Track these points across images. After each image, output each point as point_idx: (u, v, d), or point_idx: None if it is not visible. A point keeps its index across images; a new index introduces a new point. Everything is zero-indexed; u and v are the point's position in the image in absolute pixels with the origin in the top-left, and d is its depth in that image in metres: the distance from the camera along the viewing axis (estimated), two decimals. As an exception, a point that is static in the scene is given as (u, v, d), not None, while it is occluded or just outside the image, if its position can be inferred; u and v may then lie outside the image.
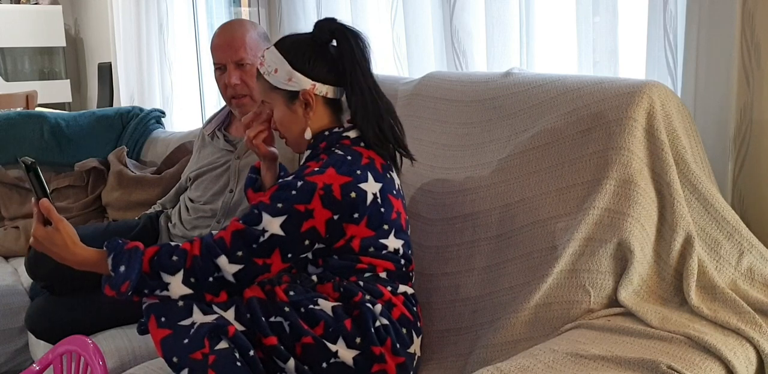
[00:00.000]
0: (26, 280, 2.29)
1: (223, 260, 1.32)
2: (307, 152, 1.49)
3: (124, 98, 4.09)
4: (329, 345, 1.32)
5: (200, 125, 2.37)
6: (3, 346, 2.27)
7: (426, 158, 1.74)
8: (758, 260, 1.37)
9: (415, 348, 1.42)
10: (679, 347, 1.17)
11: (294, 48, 1.46)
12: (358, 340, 1.33)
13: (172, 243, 1.36)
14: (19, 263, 2.37)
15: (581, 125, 1.44)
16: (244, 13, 3.44)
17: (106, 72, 4.61)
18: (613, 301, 1.33)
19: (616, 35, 1.72)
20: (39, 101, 4.23)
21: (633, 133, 1.37)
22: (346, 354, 1.33)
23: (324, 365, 1.32)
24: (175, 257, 1.32)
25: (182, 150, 2.68)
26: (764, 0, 1.39)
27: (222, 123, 2.14)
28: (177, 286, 1.31)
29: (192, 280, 1.32)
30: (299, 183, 1.34)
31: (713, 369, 1.14)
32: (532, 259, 1.41)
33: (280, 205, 1.33)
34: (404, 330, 1.40)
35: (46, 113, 3.02)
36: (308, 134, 1.47)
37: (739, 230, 1.38)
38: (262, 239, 1.32)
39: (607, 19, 1.73)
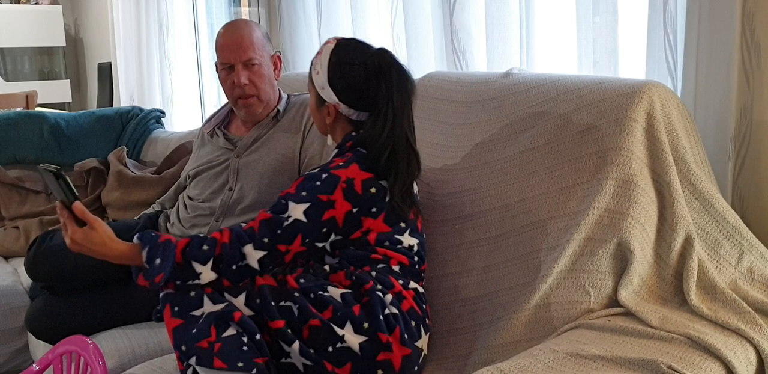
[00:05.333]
0: (26, 280, 2.28)
1: (249, 248, 1.37)
2: (335, 151, 1.55)
3: (124, 98, 4.09)
4: (336, 328, 1.34)
5: (200, 125, 2.37)
6: (3, 346, 2.26)
7: (425, 159, 1.73)
8: (758, 260, 1.37)
9: (423, 343, 1.42)
10: (679, 347, 1.17)
11: (340, 64, 1.49)
12: (366, 325, 1.35)
13: (201, 235, 1.41)
14: (19, 263, 2.37)
15: (581, 125, 1.44)
16: (244, 13, 3.44)
17: (106, 72, 4.61)
18: (613, 301, 1.33)
19: (616, 35, 1.73)
20: (39, 101, 4.23)
21: (633, 133, 1.37)
22: (353, 340, 1.34)
23: (330, 349, 1.34)
24: (205, 247, 1.36)
25: (182, 150, 2.68)
26: (764, 0, 1.39)
27: (222, 122, 2.14)
28: (206, 273, 1.35)
29: (220, 266, 1.36)
30: (324, 175, 1.42)
31: (713, 369, 1.14)
32: (532, 259, 1.41)
33: (304, 193, 1.41)
34: (413, 323, 1.40)
35: (46, 113, 3.02)
36: (329, 141, 1.58)
37: (739, 230, 1.38)
38: (285, 223, 1.38)
39: (607, 19, 1.73)
